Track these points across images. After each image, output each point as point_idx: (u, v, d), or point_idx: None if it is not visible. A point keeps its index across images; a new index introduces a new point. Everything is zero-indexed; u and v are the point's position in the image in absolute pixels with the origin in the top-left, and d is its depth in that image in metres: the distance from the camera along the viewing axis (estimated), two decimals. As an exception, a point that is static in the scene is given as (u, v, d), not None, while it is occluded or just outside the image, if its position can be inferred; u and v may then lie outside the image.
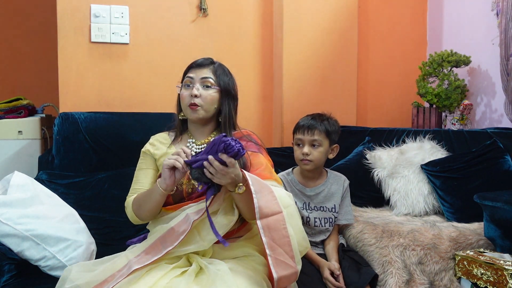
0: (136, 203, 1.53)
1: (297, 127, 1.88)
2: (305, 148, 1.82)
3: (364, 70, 2.87)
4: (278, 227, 1.32)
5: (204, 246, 1.36)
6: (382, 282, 1.69)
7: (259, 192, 1.32)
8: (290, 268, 1.31)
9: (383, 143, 2.41)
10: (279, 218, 1.32)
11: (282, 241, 1.31)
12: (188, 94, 1.54)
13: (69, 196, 1.96)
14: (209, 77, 1.55)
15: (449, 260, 1.76)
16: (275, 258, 1.29)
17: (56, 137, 2.14)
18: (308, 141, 1.82)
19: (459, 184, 2.09)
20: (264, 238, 1.30)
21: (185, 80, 1.57)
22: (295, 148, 1.88)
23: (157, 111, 2.35)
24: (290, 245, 1.32)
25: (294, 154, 1.88)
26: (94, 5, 2.36)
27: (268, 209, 1.32)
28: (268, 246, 1.30)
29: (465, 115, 2.54)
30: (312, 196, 1.88)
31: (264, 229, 1.30)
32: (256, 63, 2.66)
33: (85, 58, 2.37)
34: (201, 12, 2.53)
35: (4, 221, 1.50)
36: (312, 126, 1.82)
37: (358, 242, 1.84)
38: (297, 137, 1.86)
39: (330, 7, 2.61)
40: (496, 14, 2.43)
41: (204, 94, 1.54)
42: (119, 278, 1.25)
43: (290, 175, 1.92)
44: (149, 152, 1.61)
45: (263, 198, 1.32)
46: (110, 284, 1.25)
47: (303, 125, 1.85)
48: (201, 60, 1.59)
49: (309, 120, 1.85)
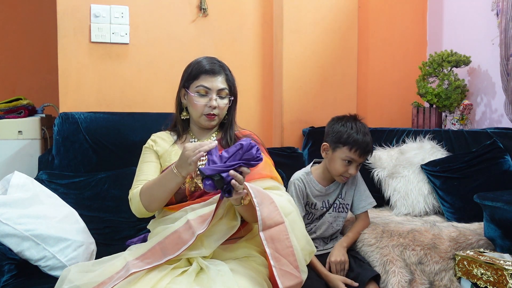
0: (146, 193, 1.49)
1: (353, 145, 1.73)
2: (354, 169, 1.76)
3: (364, 70, 2.87)
4: (281, 237, 1.33)
5: (205, 253, 1.36)
6: (384, 283, 1.69)
7: (261, 204, 1.33)
8: (295, 278, 1.32)
9: (383, 143, 2.41)
10: (281, 229, 1.34)
11: (286, 252, 1.33)
12: (204, 104, 1.56)
13: (69, 196, 1.96)
14: (225, 89, 1.58)
15: (449, 260, 1.75)
16: (280, 269, 1.30)
17: (56, 137, 2.14)
18: (359, 162, 1.77)
19: (459, 184, 2.09)
20: (268, 250, 1.31)
21: (199, 89, 1.57)
22: (340, 162, 1.75)
23: (157, 111, 2.35)
24: (294, 255, 1.33)
25: (335, 166, 1.77)
26: (94, 5, 2.36)
27: (270, 220, 1.33)
28: (272, 257, 1.31)
29: (465, 115, 2.54)
30: (330, 194, 1.86)
31: (268, 240, 1.31)
32: (256, 63, 2.66)
33: (85, 58, 2.37)
34: (201, 12, 2.53)
35: (4, 221, 1.50)
36: (370, 151, 1.77)
37: (358, 242, 1.84)
38: (350, 156, 1.74)
39: (330, 7, 2.61)
40: (496, 14, 2.43)
41: (221, 104, 1.58)
42: (116, 280, 1.25)
43: (310, 176, 1.86)
44: (152, 148, 1.62)
45: (265, 209, 1.34)
46: (108, 285, 1.24)
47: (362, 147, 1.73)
48: (211, 66, 1.58)
49: (367, 140, 1.74)
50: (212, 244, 1.36)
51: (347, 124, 1.77)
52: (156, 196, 1.47)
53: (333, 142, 1.78)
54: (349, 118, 1.81)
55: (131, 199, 1.53)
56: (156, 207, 1.50)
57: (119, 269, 1.30)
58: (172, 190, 1.46)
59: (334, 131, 1.79)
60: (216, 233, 1.37)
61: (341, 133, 1.76)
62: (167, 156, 1.58)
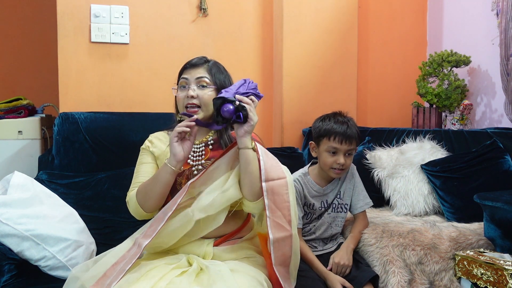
0: (141, 192, 1.47)
1: (330, 133, 1.76)
2: (341, 158, 1.76)
3: (364, 70, 2.87)
4: (281, 191, 1.37)
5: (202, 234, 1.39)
6: (384, 283, 1.68)
7: (265, 155, 1.38)
8: (285, 231, 1.35)
9: (383, 143, 2.41)
10: (282, 184, 1.38)
11: (282, 205, 1.36)
12: (184, 96, 1.52)
13: (69, 196, 1.96)
14: (204, 77, 1.52)
15: (449, 260, 1.75)
16: (273, 220, 1.34)
17: (56, 137, 2.14)
18: (344, 151, 1.77)
19: (459, 184, 2.09)
20: (266, 200, 1.34)
21: (180, 82, 1.55)
22: (326, 155, 1.77)
23: (157, 111, 2.35)
24: (289, 210, 1.37)
25: (323, 160, 1.79)
26: (94, 5, 2.36)
27: (273, 173, 1.37)
28: (269, 208, 1.34)
29: (465, 115, 2.54)
30: (328, 194, 1.86)
31: (268, 192, 1.35)
32: (256, 63, 2.66)
33: (85, 58, 2.37)
34: (201, 12, 2.53)
35: (4, 221, 1.51)
36: (350, 136, 1.76)
37: (358, 242, 1.84)
38: (332, 145, 1.75)
39: (330, 7, 2.61)
40: (496, 14, 2.43)
41: (201, 94, 1.51)
42: (130, 258, 1.28)
43: (307, 176, 1.86)
44: (149, 149, 1.60)
45: (269, 162, 1.38)
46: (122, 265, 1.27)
47: (341, 133, 1.75)
48: (195, 60, 1.57)
49: (344, 128, 1.75)
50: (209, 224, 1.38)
51: (326, 119, 1.82)
52: (151, 193, 1.45)
53: (316, 138, 1.84)
54: (329, 114, 1.84)
55: (129, 202, 1.51)
56: (152, 204, 1.47)
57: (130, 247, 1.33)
58: (166, 183, 1.43)
59: (315, 128, 1.85)
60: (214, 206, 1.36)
61: (320, 127, 1.82)
62: (163, 157, 1.55)
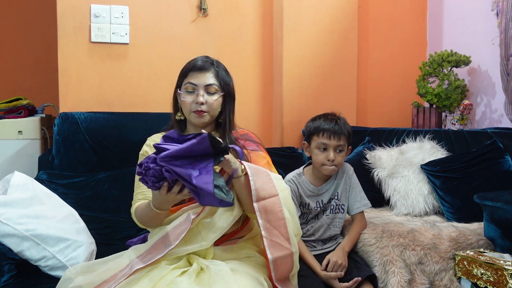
0: (139, 216, 1.48)
1: (319, 130, 1.80)
2: (331, 154, 1.77)
3: (364, 70, 2.87)
4: (274, 209, 1.35)
5: (205, 246, 1.35)
6: (383, 283, 1.68)
7: (255, 175, 1.35)
8: (285, 249, 1.34)
9: (383, 143, 2.41)
10: (275, 201, 1.36)
11: (278, 223, 1.34)
12: (192, 101, 1.51)
13: (69, 196, 1.96)
14: (213, 84, 1.52)
15: (449, 260, 1.75)
16: (270, 240, 1.33)
17: (56, 137, 2.14)
18: (333, 146, 1.78)
19: (459, 184, 2.09)
20: (260, 220, 1.33)
21: (187, 86, 1.52)
22: (317, 152, 1.80)
23: (157, 111, 2.35)
24: (286, 227, 1.35)
25: (314, 158, 1.82)
26: (94, 5, 2.36)
27: (264, 191, 1.35)
28: (264, 228, 1.33)
29: (465, 115, 2.54)
30: (324, 194, 1.86)
31: (261, 211, 1.33)
32: (256, 63, 2.66)
33: (85, 58, 2.37)
34: (201, 12, 2.53)
35: (4, 221, 1.50)
36: (338, 132, 1.77)
37: (358, 242, 1.84)
38: (321, 141, 1.79)
39: (330, 7, 2.61)
40: (496, 14, 2.43)
41: (210, 100, 1.51)
42: (120, 278, 1.25)
43: (302, 176, 1.88)
44: (147, 154, 1.57)
45: (259, 180, 1.35)
46: (111, 284, 1.24)
47: (329, 129, 1.78)
48: (201, 63, 1.54)
49: (333, 125, 1.79)
50: (210, 235, 1.35)
51: (316, 119, 1.86)
52: (148, 223, 1.47)
53: (307, 137, 1.87)
54: (320, 114, 1.87)
55: (132, 215, 1.52)
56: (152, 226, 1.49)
57: (123, 267, 1.30)
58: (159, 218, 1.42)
59: (307, 128, 1.88)
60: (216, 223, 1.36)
61: (311, 126, 1.85)
62: None
